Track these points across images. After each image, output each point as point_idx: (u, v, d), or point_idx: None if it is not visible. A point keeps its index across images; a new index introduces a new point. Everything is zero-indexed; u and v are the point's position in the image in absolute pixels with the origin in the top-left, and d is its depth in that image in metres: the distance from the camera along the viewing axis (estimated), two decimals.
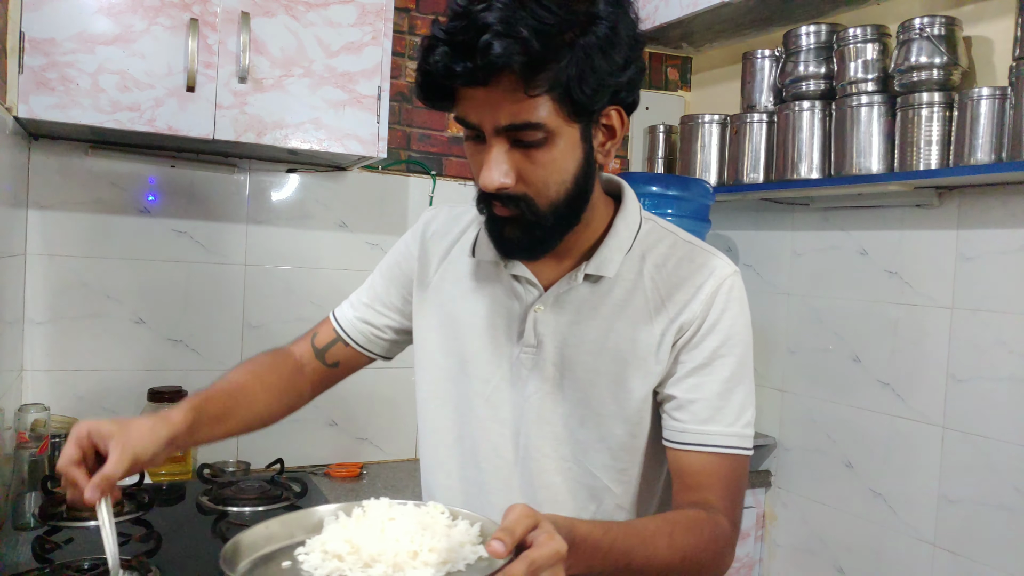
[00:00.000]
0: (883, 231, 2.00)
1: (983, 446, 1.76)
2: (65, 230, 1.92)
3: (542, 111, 0.83)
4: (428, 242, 1.11)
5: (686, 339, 0.96)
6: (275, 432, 2.12)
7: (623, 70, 0.86)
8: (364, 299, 1.17)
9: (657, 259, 0.99)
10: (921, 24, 1.77)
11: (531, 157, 0.87)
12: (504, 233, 0.92)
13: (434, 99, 0.89)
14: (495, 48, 0.77)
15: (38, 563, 1.34)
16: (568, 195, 0.90)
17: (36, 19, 1.58)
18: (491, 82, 0.81)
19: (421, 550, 0.73)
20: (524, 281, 1.00)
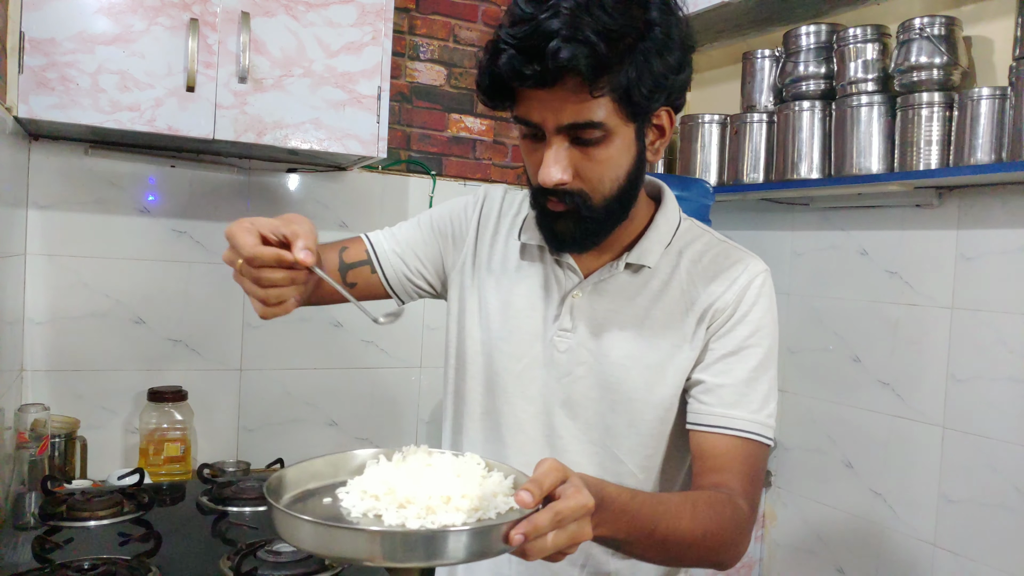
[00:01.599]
0: (883, 231, 2.00)
1: (983, 446, 1.76)
2: (65, 230, 1.92)
3: (602, 111, 0.87)
4: (486, 216, 1.15)
5: (717, 326, 1.00)
6: (275, 432, 2.14)
7: (677, 73, 0.90)
8: (404, 237, 1.17)
9: (693, 255, 1.04)
10: (921, 24, 1.77)
11: (589, 155, 0.91)
12: (556, 227, 0.97)
13: (497, 99, 0.93)
14: (563, 52, 0.82)
15: (38, 563, 1.34)
16: (620, 191, 0.94)
17: (36, 19, 1.58)
18: (556, 83, 0.85)
19: (454, 495, 0.75)
20: (566, 267, 1.05)
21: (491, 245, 1.13)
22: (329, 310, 2.20)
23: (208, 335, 2.07)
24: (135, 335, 2.00)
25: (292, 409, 2.17)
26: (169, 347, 2.04)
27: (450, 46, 2.38)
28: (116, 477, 1.75)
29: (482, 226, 1.15)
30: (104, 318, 1.96)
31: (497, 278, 1.10)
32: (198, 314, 2.06)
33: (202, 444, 2.05)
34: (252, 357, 2.13)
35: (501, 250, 1.12)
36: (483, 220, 1.15)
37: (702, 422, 0.99)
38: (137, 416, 1.94)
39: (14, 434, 1.66)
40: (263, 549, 1.38)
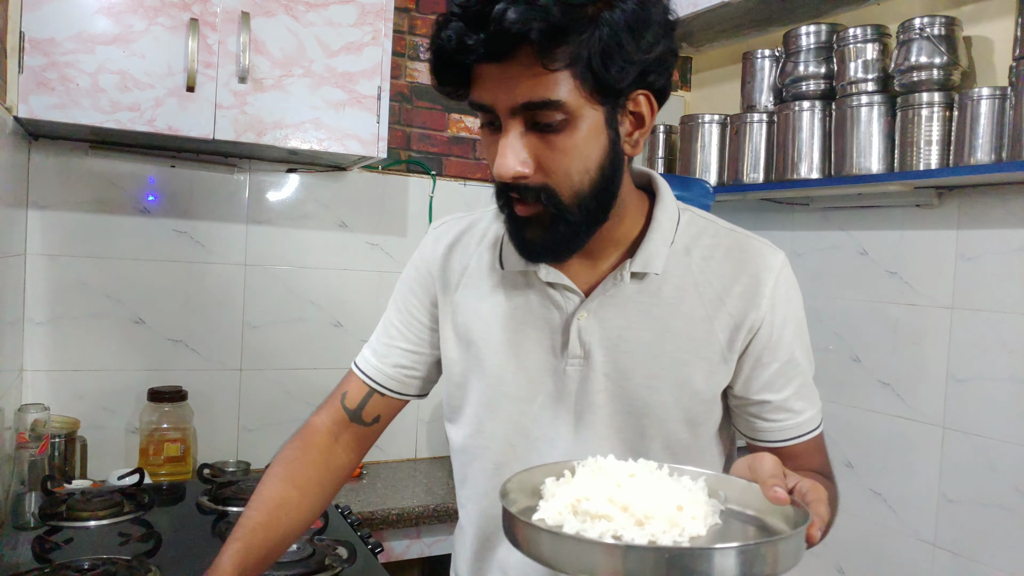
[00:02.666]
0: (883, 231, 2.00)
1: (983, 446, 1.76)
2: (65, 230, 1.92)
3: (562, 89, 0.77)
4: (442, 259, 1.03)
5: (763, 340, 0.92)
6: (275, 432, 2.14)
7: (652, 48, 0.79)
8: (385, 340, 1.07)
9: (703, 251, 0.94)
10: (921, 24, 1.76)
11: (550, 142, 0.80)
12: (526, 234, 0.86)
13: (448, 81, 0.82)
14: (510, 15, 0.72)
15: (38, 563, 1.34)
16: (594, 186, 0.83)
17: (36, 19, 1.58)
18: (507, 57, 0.76)
19: (685, 504, 0.68)
20: (561, 288, 0.93)
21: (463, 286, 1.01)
22: (329, 310, 2.21)
23: (208, 335, 2.08)
24: (135, 335, 2.00)
25: (292, 409, 2.17)
26: (169, 347, 2.04)
27: None
28: (116, 477, 1.75)
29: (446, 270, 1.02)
30: (104, 318, 1.96)
31: (482, 319, 0.98)
32: (198, 314, 2.06)
33: (202, 444, 2.05)
34: (252, 357, 2.13)
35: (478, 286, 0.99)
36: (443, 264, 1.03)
37: (776, 439, 0.95)
38: (137, 416, 1.94)
39: (14, 434, 1.66)
40: None
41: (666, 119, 2.61)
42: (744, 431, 0.98)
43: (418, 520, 1.87)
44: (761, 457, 0.70)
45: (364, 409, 1.06)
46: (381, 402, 1.07)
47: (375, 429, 1.08)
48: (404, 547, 1.90)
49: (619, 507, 0.67)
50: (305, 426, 1.08)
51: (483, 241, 1.01)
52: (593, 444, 0.93)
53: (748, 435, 0.98)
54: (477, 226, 1.03)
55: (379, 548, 1.54)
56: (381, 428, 1.09)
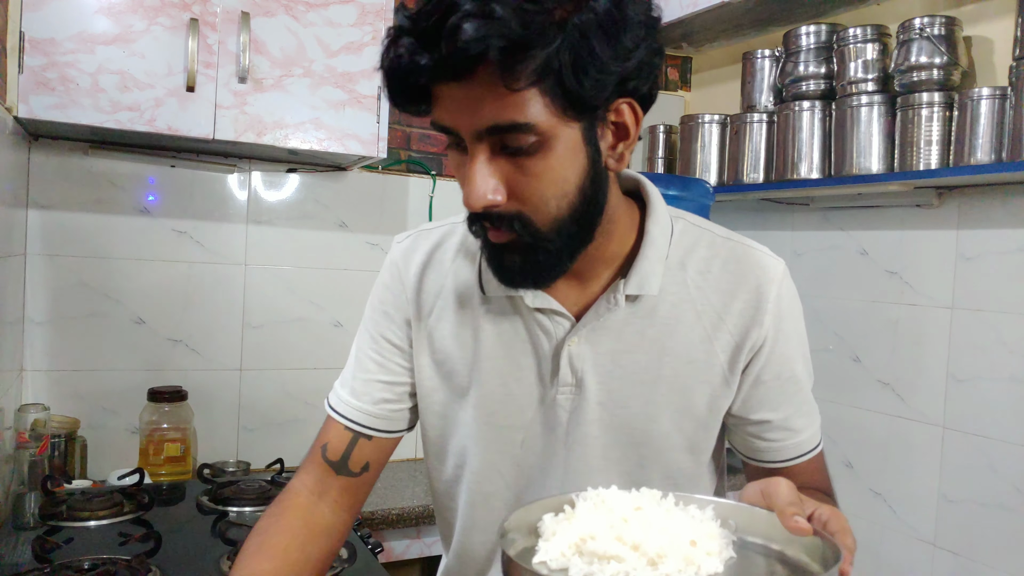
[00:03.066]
0: (883, 231, 2.00)
1: (983, 446, 1.75)
2: (65, 230, 1.92)
3: (531, 109, 0.68)
4: (415, 279, 0.94)
5: (765, 357, 0.86)
6: (275, 432, 2.14)
7: (631, 54, 0.70)
8: (362, 376, 0.96)
9: (699, 264, 0.86)
10: (921, 24, 1.76)
11: (522, 167, 0.72)
12: (503, 261, 0.78)
13: (405, 102, 0.73)
14: (466, 31, 0.63)
15: (38, 563, 1.34)
16: (574, 209, 0.75)
17: (36, 19, 1.58)
18: (466, 76, 0.67)
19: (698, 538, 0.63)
20: (550, 312, 0.86)
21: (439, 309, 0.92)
22: (329, 310, 2.21)
23: (208, 335, 2.07)
24: (135, 335, 2.00)
25: (292, 409, 2.17)
26: (169, 347, 2.04)
27: None
28: (116, 477, 1.75)
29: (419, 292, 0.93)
30: (104, 318, 1.96)
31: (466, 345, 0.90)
32: (198, 314, 2.06)
33: (202, 444, 2.05)
34: (252, 357, 2.13)
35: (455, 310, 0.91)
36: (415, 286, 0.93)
37: (775, 459, 0.91)
38: (137, 416, 1.94)
39: (14, 434, 1.66)
40: None
41: (666, 119, 2.61)
42: (741, 450, 0.94)
43: (418, 520, 1.87)
44: (776, 482, 0.65)
45: (350, 458, 0.94)
46: (369, 446, 0.95)
47: (366, 479, 0.96)
48: (404, 547, 1.90)
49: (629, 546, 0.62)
50: (283, 491, 0.96)
51: (457, 259, 0.92)
52: (587, 476, 0.88)
53: (745, 454, 0.93)
54: (448, 241, 0.94)
55: (379, 548, 1.54)
56: (374, 476, 0.97)
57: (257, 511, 1.66)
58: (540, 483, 0.91)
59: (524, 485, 0.92)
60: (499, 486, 0.92)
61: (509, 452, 0.91)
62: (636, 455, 0.88)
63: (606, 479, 0.86)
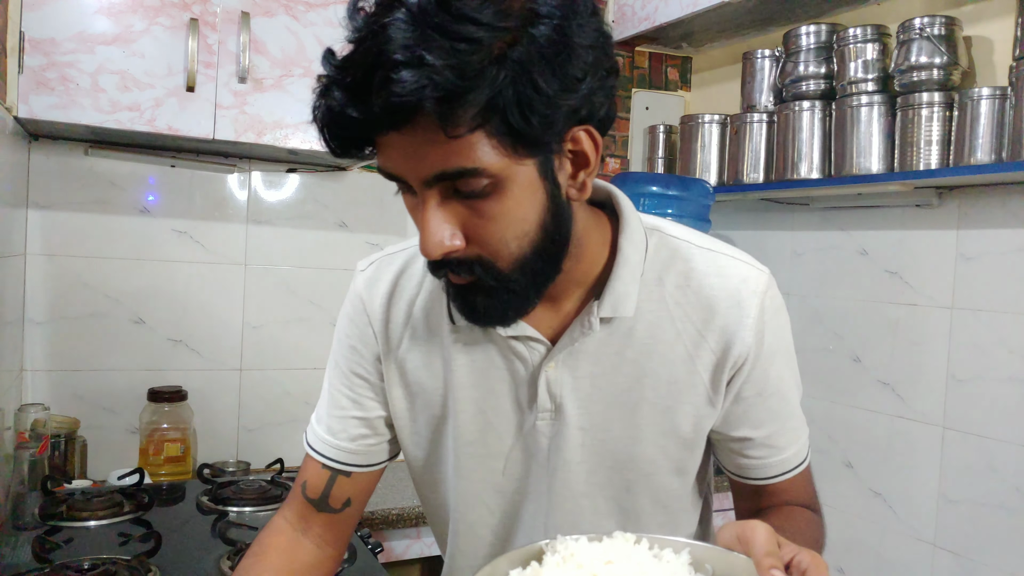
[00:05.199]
0: (883, 231, 2.00)
1: (983, 446, 1.75)
2: (65, 230, 1.92)
3: (478, 152, 0.64)
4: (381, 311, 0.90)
5: (746, 374, 0.83)
6: (275, 432, 2.14)
7: (579, 83, 0.66)
8: (336, 413, 0.93)
9: (677, 279, 0.82)
10: (921, 24, 1.76)
11: (477, 210, 0.68)
12: (470, 301, 0.75)
13: (346, 151, 0.68)
14: (396, 87, 0.60)
15: (38, 563, 1.34)
16: (536, 247, 0.71)
17: (36, 19, 1.58)
18: (404, 126, 0.63)
19: None
20: (524, 339, 0.83)
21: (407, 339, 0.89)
22: (328, 310, 2.21)
23: (208, 335, 2.07)
24: (135, 335, 2.00)
25: (292, 409, 2.17)
26: (169, 347, 2.04)
27: None
28: (116, 477, 1.75)
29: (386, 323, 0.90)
30: (104, 318, 1.96)
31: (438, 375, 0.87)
32: (198, 314, 2.06)
33: (202, 444, 2.05)
34: (252, 357, 2.13)
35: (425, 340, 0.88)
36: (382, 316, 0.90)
37: (759, 476, 0.88)
38: (137, 416, 1.94)
39: (14, 434, 1.66)
40: None
41: (666, 119, 2.61)
42: (727, 466, 0.91)
43: (418, 520, 1.87)
44: (752, 527, 0.60)
45: (330, 496, 0.92)
46: (348, 483, 0.92)
47: (349, 513, 0.94)
48: (404, 547, 1.90)
49: None
50: (266, 526, 0.94)
51: (424, 284, 0.89)
52: (572, 501, 0.86)
53: (731, 471, 0.91)
54: (413, 266, 0.90)
55: (379, 548, 1.54)
56: (357, 510, 0.95)
57: (257, 511, 1.66)
58: (524, 509, 0.89)
59: (508, 512, 0.90)
60: (483, 513, 0.90)
61: (490, 480, 0.88)
62: (622, 479, 0.85)
63: (592, 504, 0.86)
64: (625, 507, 0.86)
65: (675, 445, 0.84)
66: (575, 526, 0.85)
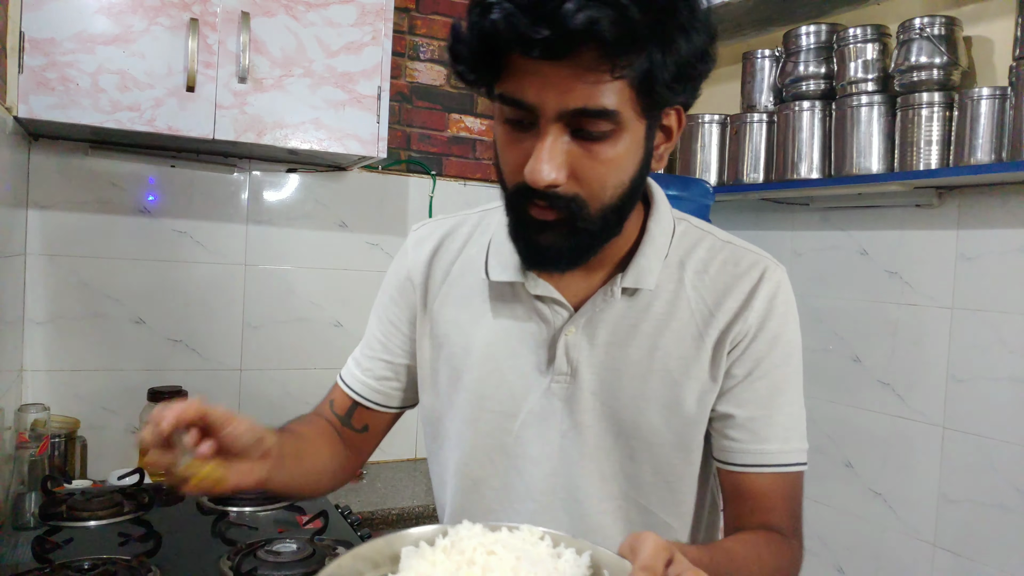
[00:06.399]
0: (883, 231, 2.00)
1: (983, 446, 1.75)
2: (65, 230, 1.92)
3: (619, 97, 0.71)
4: (424, 265, 0.98)
5: (741, 350, 0.86)
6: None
7: (702, 61, 0.74)
8: (368, 353, 1.03)
9: (697, 264, 0.88)
10: (921, 24, 1.76)
11: (592, 152, 0.74)
12: (540, 239, 0.79)
13: (479, 69, 0.73)
14: (583, 14, 0.64)
15: (38, 563, 1.34)
16: (620, 200, 0.78)
17: (36, 19, 1.58)
18: (567, 56, 0.67)
19: None
20: (549, 301, 0.88)
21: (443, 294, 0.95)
22: (329, 310, 2.21)
23: (208, 335, 2.07)
24: (135, 335, 2.00)
25: (292, 409, 2.14)
26: (169, 347, 2.04)
27: None
28: (116, 477, 1.75)
29: (428, 277, 0.97)
30: (104, 318, 1.96)
31: (462, 329, 0.93)
32: (198, 314, 2.06)
33: None
34: (252, 357, 2.13)
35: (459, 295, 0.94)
36: (424, 271, 0.98)
37: (736, 461, 0.88)
38: (137, 416, 1.94)
39: (14, 434, 1.66)
40: (263, 549, 1.38)
41: None
42: (714, 452, 0.91)
43: (418, 520, 1.87)
44: (643, 538, 0.61)
45: (353, 417, 1.02)
46: (367, 414, 1.02)
47: (367, 437, 1.04)
48: None
49: None
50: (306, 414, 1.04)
51: (466, 247, 0.96)
52: (579, 465, 0.89)
53: (716, 457, 0.91)
54: (459, 230, 0.98)
55: None
56: (374, 438, 1.04)
57: (257, 511, 1.66)
58: (529, 471, 0.91)
59: (514, 474, 0.92)
60: (488, 472, 0.94)
61: (499, 439, 0.92)
62: (627, 447, 0.89)
63: (597, 467, 0.89)
64: (629, 473, 0.89)
65: (678, 419, 0.87)
66: (580, 488, 0.89)
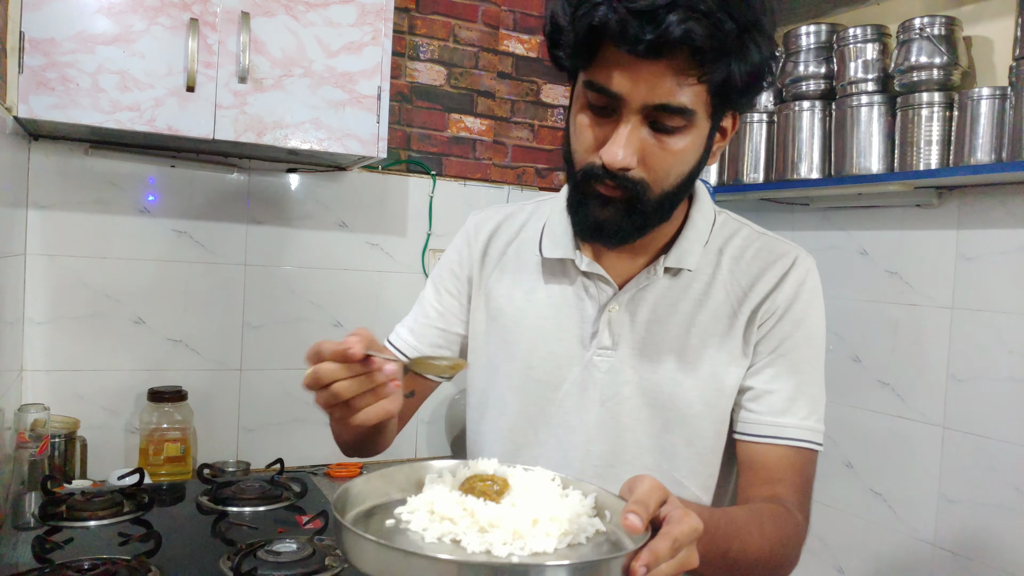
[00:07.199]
0: (883, 231, 2.00)
1: (983, 446, 1.75)
2: (65, 230, 1.92)
3: (697, 99, 0.79)
4: (483, 243, 1.07)
5: (768, 328, 0.93)
6: (275, 432, 2.14)
7: (770, 72, 0.82)
8: (423, 320, 1.08)
9: (734, 251, 0.97)
10: (921, 24, 1.77)
11: (663, 143, 0.82)
12: (599, 214, 0.86)
13: (576, 58, 0.81)
14: (684, 25, 0.72)
15: (38, 563, 1.33)
16: (678, 188, 0.86)
17: (36, 19, 1.57)
18: (660, 55, 0.75)
19: (541, 518, 0.67)
20: (596, 278, 0.96)
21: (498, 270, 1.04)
22: (329, 310, 2.21)
23: (208, 335, 2.07)
24: (135, 335, 2.00)
25: (292, 409, 2.17)
26: (169, 347, 2.04)
27: (450, 46, 2.38)
28: (116, 477, 1.75)
29: (485, 255, 1.06)
30: (104, 318, 1.96)
31: (514, 303, 1.01)
32: (198, 314, 2.06)
33: (202, 444, 2.05)
34: (252, 357, 2.13)
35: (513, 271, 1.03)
36: (482, 248, 1.06)
37: (752, 432, 0.93)
38: (137, 416, 1.94)
39: (14, 434, 1.66)
40: (263, 549, 1.38)
41: None
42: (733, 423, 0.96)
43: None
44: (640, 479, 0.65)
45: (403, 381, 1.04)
46: (415, 379, 1.04)
47: (410, 403, 1.07)
48: None
49: (468, 512, 0.67)
50: None
51: (522, 230, 1.05)
52: (616, 434, 0.95)
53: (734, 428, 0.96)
54: (517, 216, 1.07)
55: None
56: (418, 402, 1.09)
57: (257, 511, 1.66)
58: (567, 439, 0.97)
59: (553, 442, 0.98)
60: (530, 439, 0.99)
61: (543, 407, 0.98)
62: (662, 418, 0.94)
63: (634, 438, 0.95)
64: (662, 445, 0.95)
65: (712, 391, 0.93)
66: (616, 456, 0.95)
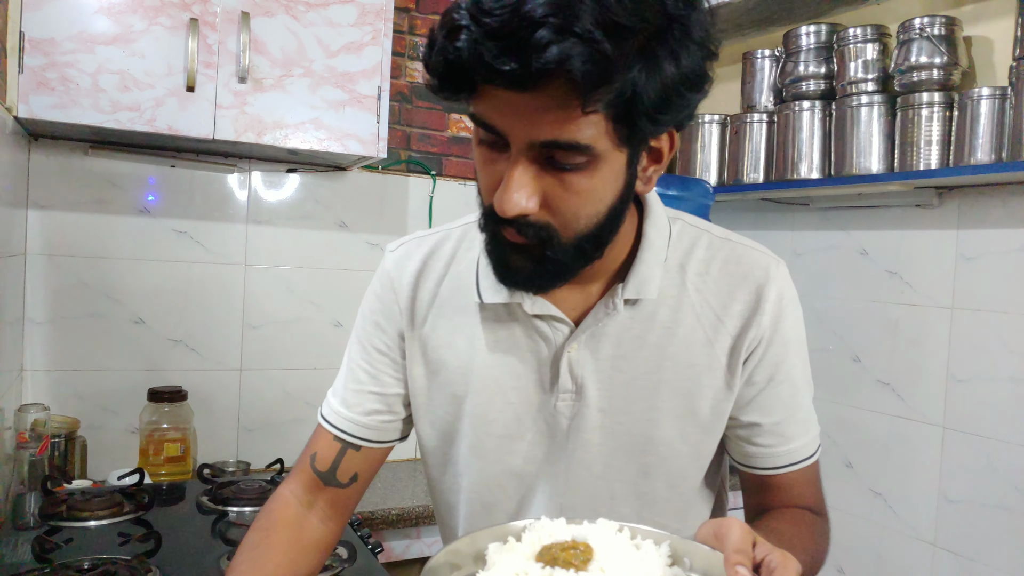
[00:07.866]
0: (883, 231, 2.00)
1: (983, 446, 1.76)
2: (65, 230, 1.92)
3: (593, 131, 0.66)
4: (409, 288, 0.92)
5: (759, 356, 0.85)
6: (275, 432, 2.14)
7: (695, 88, 0.68)
8: (354, 386, 0.95)
9: (698, 266, 0.85)
10: (921, 24, 1.77)
11: (565, 182, 0.70)
12: (510, 261, 0.75)
13: (449, 89, 0.69)
14: (554, 49, 0.59)
15: (38, 563, 1.34)
16: (597, 228, 0.74)
17: (36, 19, 1.58)
18: (535, 88, 0.63)
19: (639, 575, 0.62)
20: (548, 318, 0.84)
21: (432, 316, 0.90)
22: (329, 310, 2.21)
23: (208, 335, 2.07)
24: (135, 335, 2.00)
25: (292, 409, 2.17)
26: (169, 347, 2.04)
27: None
28: (116, 477, 1.75)
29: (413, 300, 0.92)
30: (104, 318, 1.96)
31: (461, 353, 0.88)
32: (198, 314, 2.06)
33: (202, 444, 2.05)
34: (252, 357, 2.13)
35: (451, 317, 0.89)
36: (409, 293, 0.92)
37: (766, 466, 0.88)
38: (137, 416, 1.94)
39: (14, 434, 1.66)
40: None
41: None
42: (734, 455, 0.92)
43: (418, 520, 1.87)
44: (728, 524, 0.61)
45: (338, 469, 0.94)
46: (357, 457, 0.94)
47: (354, 489, 0.96)
48: (404, 547, 1.90)
49: None
50: (272, 498, 0.96)
51: (452, 265, 0.91)
52: (589, 485, 0.87)
53: (738, 460, 0.91)
54: (443, 248, 0.93)
55: (379, 548, 1.54)
56: (362, 487, 0.97)
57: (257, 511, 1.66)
58: (540, 492, 0.90)
59: (525, 495, 0.90)
60: (499, 497, 0.91)
61: (508, 462, 0.89)
62: (639, 463, 0.86)
63: (608, 487, 0.87)
64: (641, 491, 0.87)
65: (693, 428, 0.85)
66: (592, 510, 0.84)
